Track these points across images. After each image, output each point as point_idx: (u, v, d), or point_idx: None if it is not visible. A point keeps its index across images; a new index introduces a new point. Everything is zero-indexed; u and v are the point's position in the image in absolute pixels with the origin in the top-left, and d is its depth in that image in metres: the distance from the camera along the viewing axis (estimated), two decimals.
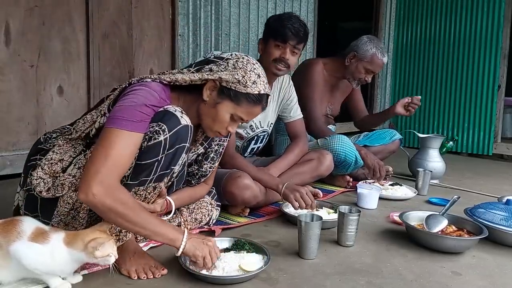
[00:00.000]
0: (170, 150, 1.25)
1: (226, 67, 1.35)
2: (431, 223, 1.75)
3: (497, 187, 2.82)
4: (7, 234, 1.13)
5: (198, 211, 1.72)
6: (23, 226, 1.15)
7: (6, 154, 2.24)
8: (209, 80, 1.35)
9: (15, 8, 2.21)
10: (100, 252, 1.14)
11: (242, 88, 1.34)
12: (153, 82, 1.30)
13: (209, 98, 1.37)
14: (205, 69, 1.37)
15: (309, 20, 3.78)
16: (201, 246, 1.29)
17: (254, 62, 1.40)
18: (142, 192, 1.31)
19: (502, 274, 1.50)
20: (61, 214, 1.32)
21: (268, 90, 1.42)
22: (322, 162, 2.30)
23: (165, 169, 1.29)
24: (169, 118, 1.25)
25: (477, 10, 4.05)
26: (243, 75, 1.34)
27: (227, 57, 1.38)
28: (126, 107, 1.21)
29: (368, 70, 2.62)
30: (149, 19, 2.77)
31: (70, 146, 1.35)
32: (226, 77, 1.33)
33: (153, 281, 1.33)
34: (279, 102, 2.31)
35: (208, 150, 1.59)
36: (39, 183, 1.29)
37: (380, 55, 2.58)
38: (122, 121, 1.18)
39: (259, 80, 1.37)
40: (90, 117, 1.36)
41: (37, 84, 2.35)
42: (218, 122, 1.39)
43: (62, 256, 1.14)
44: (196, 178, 1.62)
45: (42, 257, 1.13)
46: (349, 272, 1.45)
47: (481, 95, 4.08)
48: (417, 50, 4.51)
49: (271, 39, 2.08)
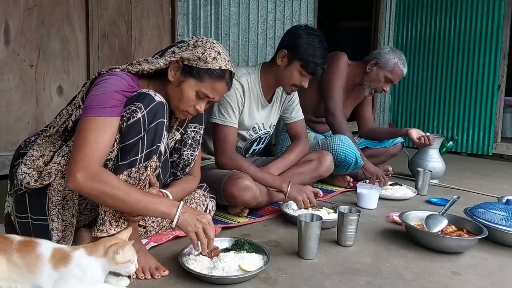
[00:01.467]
0: (150, 125, 1.29)
1: (186, 47, 1.40)
2: (431, 223, 1.75)
3: (497, 187, 2.82)
4: (25, 256, 1.11)
5: (191, 201, 1.74)
6: (41, 249, 1.13)
7: (6, 154, 2.24)
8: (172, 61, 1.40)
9: (14, 7, 2.21)
10: (121, 256, 1.14)
11: (203, 64, 1.38)
12: (121, 71, 1.36)
13: (174, 78, 1.42)
14: (168, 52, 1.42)
15: (309, 20, 3.77)
16: (193, 221, 1.30)
17: (214, 41, 1.44)
18: (136, 174, 1.31)
19: (502, 274, 1.50)
20: (56, 205, 1.33)
21: (231, 67, 1.45)
22: (322, 162, 2.30)
23: (150, 145, 1.31)
24: (144, 97, 1.30)
25: (477, 10, 4.04)
26: (203, 52, 1.38)
27: (188, 40, 1.44)
28: (98, 96, 1.27)
29: (387, 79, 2.65)
30: (149, 18, 2.76)
31: (49, 143, 1.38)
32: (187, 55, 1.38)
33: (153, 281, 1.33)
34: (281, 103, 2.31)
35: (184, 136, 1.62)
36: (25, 177, 1.32)
37: (401, 65, 2.63)
38: (95, 109, 1.24)
39: (220, 57, 1.41)
40: (65, 111, 1.39)
41: (37, 84, 2.34)
42: (185, 101, 1.43)
43: (92, 268, 1.14)
44: (180, 168, 1.65)
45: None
46: (349, 272, 1.45)
47: (481, 95, 4.07)
48: (417, 49, 4.51)
49: (299, 64, 1.97)
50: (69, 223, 1.38)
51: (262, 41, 3.37)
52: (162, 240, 1.62)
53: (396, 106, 4.76)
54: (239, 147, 2.24)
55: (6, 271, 1.09)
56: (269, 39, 3.43)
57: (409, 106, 4.63)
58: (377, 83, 2.67)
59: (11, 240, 1.13)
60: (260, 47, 3.35)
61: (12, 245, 1.12)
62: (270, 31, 3.43)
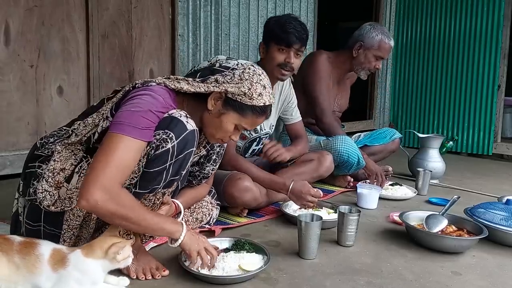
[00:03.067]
0: (178, 156, 1.26)
1: (232, 78, 1.33)
2: (431, 223, 1.75)
3: (497, 187, 2.82)
4: (25, 256, 1.12)
5: (199, 210, 1.73)
6: (41, 249, 1.14)
7: (6, 154, 2.24)
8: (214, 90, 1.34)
9: (15, 8, 2.21)
10: (122, 255, 1.16)
11: (247, 101, 1.33)
12: (157, 85, 1.30)
13: (213, 107, 1.36)
14: (211, 79, 1.34)
15: (309, 20, 3.78)
16: (196, 241, 1.31)
17: (260, 72, 1.38)
18: (152, 197, 1.31)
19: (502, 274, 1.50)
20: (73, 228, 1.31)
21: (273, 100, 1.41)
22: (322, 163, 2.30)
23: (174, 175, 1.29)
24: (175, 124, 1.24)
25: (477, 10, 4.05)
26: (249, 87, 1.32)
27: (233, 67, 1.36)
28: (131, 113, 1.19)
29: (377, 57, 2.61)
30: (149, 19, 2.76)
31: (70, 153, 1.33)
32: (232, 90, 1.32)
33: (153, 281, 1.33)
34: (280, 104, 2.31)
35: (210, 152, 1.59)
36: (45, 196, 1.27)
37: (387, 39, 2.58)
38: (126, 127, 1.17)
39: (265, 92, 1.36)
40: (91, 120, 1.33)
41: (37, 84, 2.35)
42: (222, 132, 1.39)
43: (90, 269, 1.14)
44: (198, 179, 1.62)
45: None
46: (349, 272, 1.45)
47: (481, 95, 4.07)
48: (417, 50, 4.51)
49: (274, 43, 2.04)
50: (84, 238, 1.37)
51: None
52: (162, 240, 1.62)
53: (396, 106, 4.76)
54: (238, 146, 2.24)
55: (6, 272, 1.09)
56: None
57: (409, 106, 4.63)
58: (367, 64, 2.62)
59: (12, 241, 1.13)
60: None
61: (13, 246, 1.12)
62: None
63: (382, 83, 4.72)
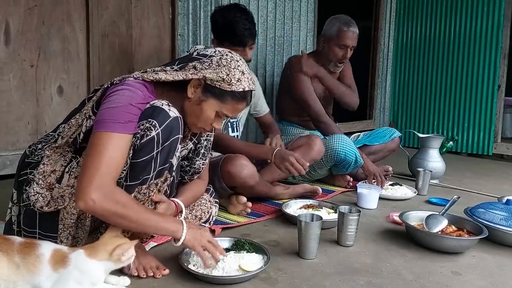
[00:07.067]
0: (165, 143, 1.26)
1: (210, 64, 1.34)
2: (431, 223, 1.75)
3: (497, 187, 2.82)
4: (25, 256, 1.11)
5: (198, 208, 1.73)
6: (42, 249, 1.14)
7: (6, 154, 2.24)
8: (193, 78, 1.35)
9: (15, 7, 2.21)
10: (126, 256, 1.16)
11: (226, 87, 1.34)
12: (134, 80, 1.30)
13: (193, 95, 1.37)
14: (189, 66, 1.35)
15: (309, 20, 3.78)
16: (199, 237, 1.31)
17: (238, 58, 1.38)
18: (146, 190, 1.31)
19: (502, 274, 1.50)
20: (68, 227, 1.31)
21: (253, 86, 1.42)
22: (312, 146, 2.34)
23: (163, 163, 1.29)
24: (158, 113, 1.25)
25: (477, 10, 4.05)
26: (227, 73, 1.33)
27: (211, 54, 1.36)
28: (112, 109, 1.21)
29: (341, 46, 2.59)
30: (149, 18, 2.76)
31: (59, 155, 1.33)
32: (211, 76, 1.32)
33: (153, 280, 1.33)
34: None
35: (198, 146, 1.59)
36: (38, 198, 1.27)
37: (346, 27, 2.57)
38: (110, 124, 1.18)
39: (243, 77, 1.36)
40: (74, 121, 1.34)
41: (37, 84, 2.34)
42: (203, 119, 1.39)
43: (91, 269, 1.15)
44: (189, 175, 1.62)
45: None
46: (349, 272, 1.45)
47: (481, 95, 4.07)
48: (417, 50, 4.51)
49: (228, 44, 2.13)
50: (81, 239, 1.36)
51: (262, 41, 3.36)
52: (162, 240, 1.62)
53: (396, 106, 4.76)
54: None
55: (6, 272, 1.09)
56: (269, 39, 3.43)
57: (409, 106, 4.63)
58: (333, 56, 2.62)
59: (13, 241, 1.13)
60: (260, 47, 3.35)
61: (14, 246, 1.12)
62: (270, 31, 3.43)
63: (382, 83, 4.72)
